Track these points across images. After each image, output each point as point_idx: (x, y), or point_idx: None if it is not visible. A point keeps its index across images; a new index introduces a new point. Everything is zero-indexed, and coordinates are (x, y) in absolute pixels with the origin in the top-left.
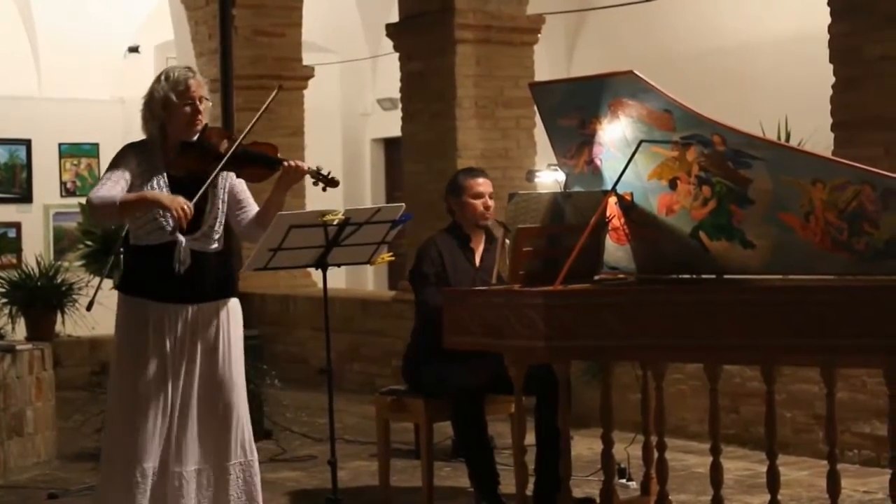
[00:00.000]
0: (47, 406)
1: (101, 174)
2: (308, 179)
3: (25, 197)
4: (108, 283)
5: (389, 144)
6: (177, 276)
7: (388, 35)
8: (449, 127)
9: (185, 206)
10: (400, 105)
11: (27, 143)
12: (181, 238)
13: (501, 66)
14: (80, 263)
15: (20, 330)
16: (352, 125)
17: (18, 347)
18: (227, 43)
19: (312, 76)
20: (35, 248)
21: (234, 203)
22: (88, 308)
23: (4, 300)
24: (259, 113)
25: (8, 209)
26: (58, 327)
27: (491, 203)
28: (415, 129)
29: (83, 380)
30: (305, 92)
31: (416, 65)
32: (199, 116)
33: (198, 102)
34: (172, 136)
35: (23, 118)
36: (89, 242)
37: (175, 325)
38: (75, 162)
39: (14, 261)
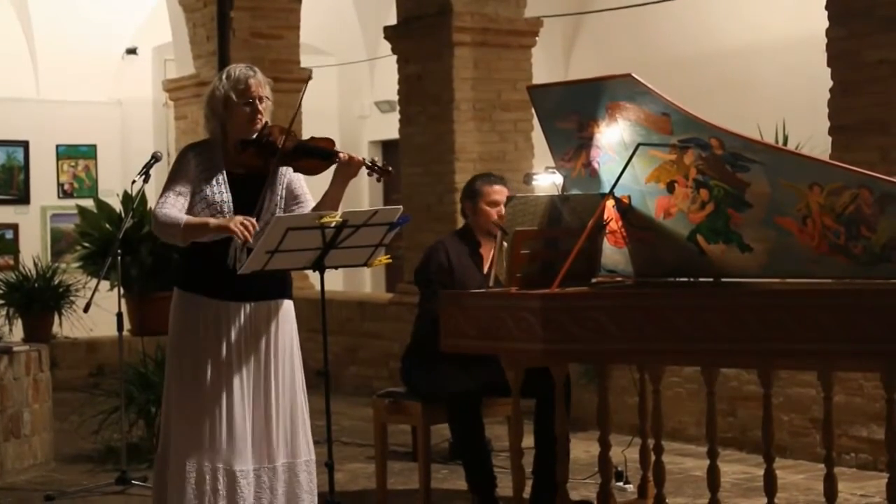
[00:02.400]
0: (44, 408)
1: (165, 182)
2: (363, 171)
3: (23, 198)
4: (105, 284)
5: (387, 147)
6: (233, 274)
7: (386, 38)
8: (446, 130)
9: (246, 222)
10: (397, 108)
11: (25, 145)
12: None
13: (499, 69)
14: (77, 265)
15: (17, 331)
16: (349, 127)
17: (16, 349)
18: (224, 45)
19: (310, 78)
20: (32, 249)
21: (291, 198)
22: (86, 310)
23: (2, 302)
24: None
25: (5, 210)
26: (55, 329)
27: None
28: (412, 132)
29: (80, 381)
30: None
31: (414, 67)
32: (259, 115)
33: (257, 102)
34: (232, 134)
35: (20, 120)
36: (87, 244)
37: (231, 323)
38: (73, 163)
39: (11, 262)
